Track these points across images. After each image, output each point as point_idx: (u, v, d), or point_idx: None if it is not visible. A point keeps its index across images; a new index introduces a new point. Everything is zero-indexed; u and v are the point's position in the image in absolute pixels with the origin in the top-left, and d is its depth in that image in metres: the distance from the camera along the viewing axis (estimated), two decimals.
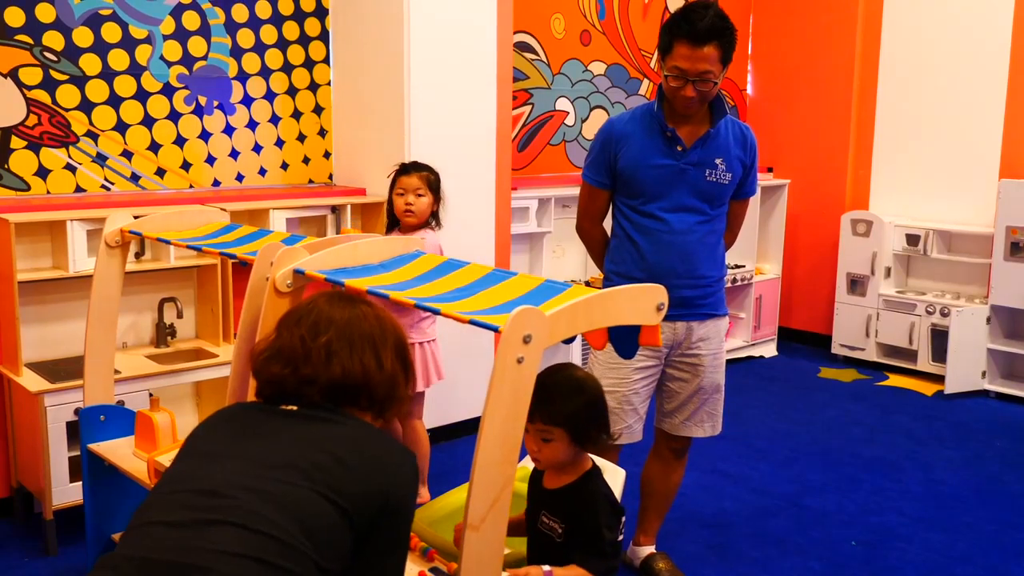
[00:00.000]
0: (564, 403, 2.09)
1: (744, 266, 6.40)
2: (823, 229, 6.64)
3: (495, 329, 1.66)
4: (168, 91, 4.12)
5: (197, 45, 4.19)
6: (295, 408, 1.71)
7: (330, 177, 4.76)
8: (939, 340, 5.87)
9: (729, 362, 6.30)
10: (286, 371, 1.73)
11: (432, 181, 3.74)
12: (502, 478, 1.64)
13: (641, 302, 1.81)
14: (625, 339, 1.92)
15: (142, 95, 4.04)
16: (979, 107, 5.95)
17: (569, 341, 1.94)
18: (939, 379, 5.81)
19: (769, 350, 6.67)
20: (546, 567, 1.94)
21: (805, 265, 6.81)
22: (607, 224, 3.20)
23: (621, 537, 2.16)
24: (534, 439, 2.12)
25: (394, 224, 3.82)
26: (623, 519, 2.17)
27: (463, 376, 4.37)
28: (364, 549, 1.55)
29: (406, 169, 3.74)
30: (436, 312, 1.85)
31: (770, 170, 6.83)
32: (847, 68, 6.49)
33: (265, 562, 1.40)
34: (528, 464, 2.30)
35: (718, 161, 2.99)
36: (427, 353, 3.75)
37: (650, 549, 3.39)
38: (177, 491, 1.53)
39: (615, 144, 3.01)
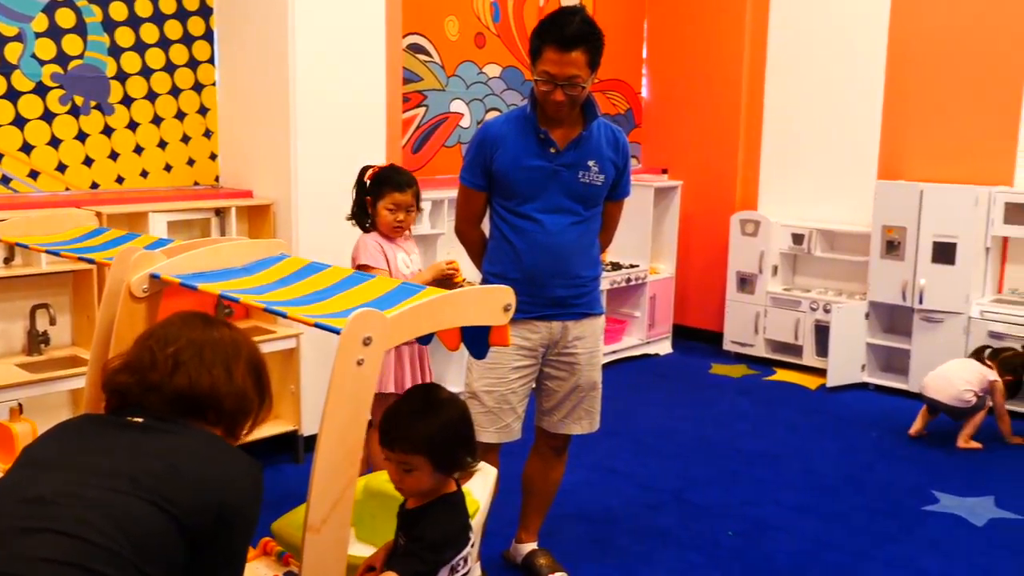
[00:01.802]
0: (421, 429, 2.01)
1: (638, 266, 6.52)
2: (714, 229, 6.81)
3: (336, 331, 1.67)
4: (41, 91, 4.01)
5: (72, 43, 4.09)
6: (140, 420, 1.69)
7: (216, 179, 4.69)
8: (822, 335, 6.09)
9: (624, 360, 6.48)
10: (132, 380, 1.72)
11: (418, 192, 3.58)
12: (343, 480, 1.65)
13: (487, 303, 1.85)
14: (476, 340, 1.95)
15: (12, 94, 3.92)
16: (858, 112, 6.19)
17: (425, 341, 1.96)
18: (823, 373, 6.01)
19: (664, 348, 6.81)
20: None
21: (698, 264, 6.97)
22: (486, 226, 3.24)
23: (448, 568, 2.09)
24: (396, 469, 2.04)
25: (363, 222, 3.60)
26: (457, 552, 2.09)
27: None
28: (198, 560, 1.55)
29: (400, 185, 3.49)
30: (283, 315, 1.86)
31: (664, 171, 6.98)
32: (736, 75, 6.68)
33: (86, 568, 1.39)
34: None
35: (591, 163, 3.05)
36: (413, 352, 3.59)
37: (532, 546, 3.44)
38: (3, 501, 1.51)
39: (490, 146, 3.05)
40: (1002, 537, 3.84)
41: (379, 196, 3.50)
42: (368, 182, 3.55)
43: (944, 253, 5.54)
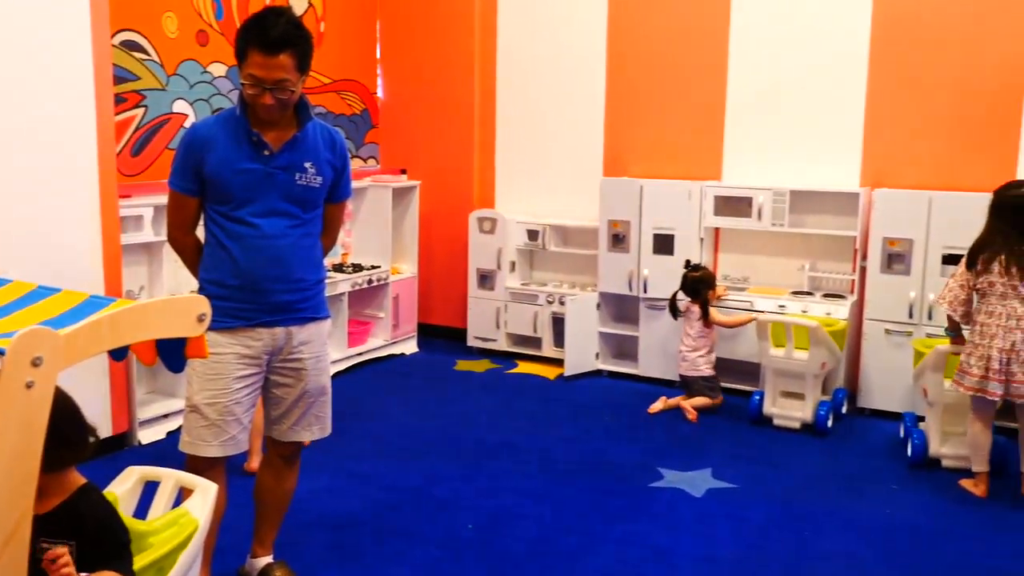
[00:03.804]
0: None
1: (380, 266, 6.52)
2: (454, 227, 6.93)
3: (1, 352, 1.54)
4: None
5: None
6: None
7: None
8: (559, 327, 6.34)
9: (370, 362, 6.45)
10: None
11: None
12: (16, 513, 1.52)
13: (179, 315, 1.77)
14: (172, 353, 1.86)
15: None
16: (583, 114, 6.51)
17: (119, 356, 1.84)
18: (561, 363, 6.26)
19: (410, 347, 6.84)
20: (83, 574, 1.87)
21: (439, 263, 7.07)
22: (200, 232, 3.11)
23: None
24: None
25: None
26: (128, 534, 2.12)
27: None
28: None
29: None
30: None
31: (403, 172, 7.01)
32: (468, 76, 6.82)
33: None
34: None
35: (307, 165, 2.99)
36: None
37: (267, 559, 3.33)
38: None
39: (199, 149, 2.92)
40: (718, 505, 4.16)
41: None
42: None
43: (664, 244, 5.93)
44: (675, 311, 5.61)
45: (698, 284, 5.50)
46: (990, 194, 5.15)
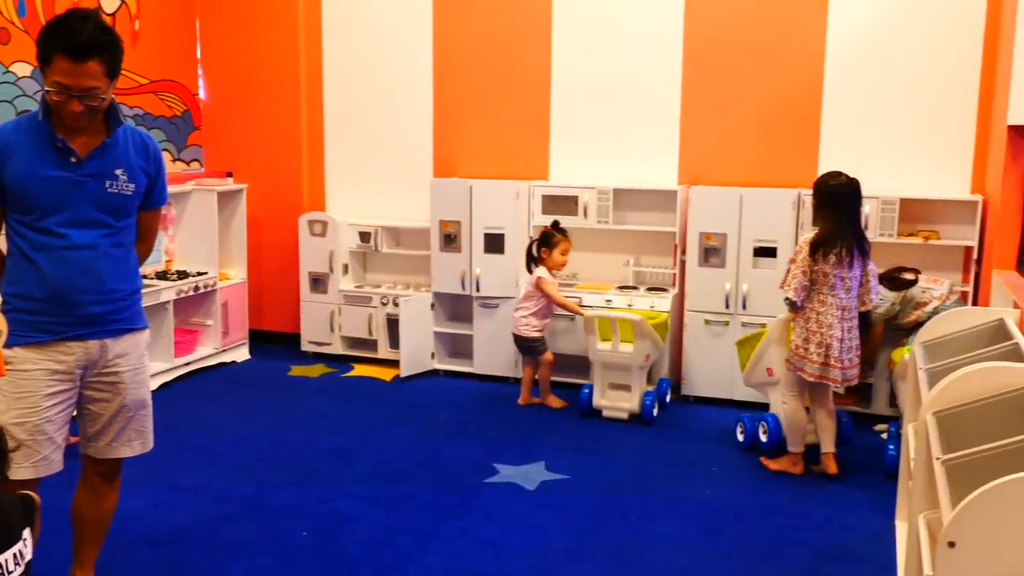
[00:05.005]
0: None
1: (207, 273, 6.33)
2: (284, 231, 6.81)
3: None
4: None
5: None
6: None
7: None
8: (394, 328, 6.34)
9: (199, 371, 6.27)
10: None
11: None
12: None
13: None
14: None
15: None
16: (412, 115, 6.55)
17: None
18: (397, 364, 6.26)
19: (241, 354, 6.68)
20: None
21: (270, 267, 6.94)
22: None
23: None
24: None
25: None
26: None
27: None
28: None
29: None
30: None
31: (229, 175, 6.83)
32: (294, 77, 6.72)
33: None
34: None
35: (118, 172, 2.89)
36: None
37: None
38: None
39: None
40: (551, 497, 4.27)
41: None
42: None
43: (494, 243, 6.03)
44: (528, 262, 5.63)
45: (540, 238, 5.57)
46: (795, 189, 5.50)
